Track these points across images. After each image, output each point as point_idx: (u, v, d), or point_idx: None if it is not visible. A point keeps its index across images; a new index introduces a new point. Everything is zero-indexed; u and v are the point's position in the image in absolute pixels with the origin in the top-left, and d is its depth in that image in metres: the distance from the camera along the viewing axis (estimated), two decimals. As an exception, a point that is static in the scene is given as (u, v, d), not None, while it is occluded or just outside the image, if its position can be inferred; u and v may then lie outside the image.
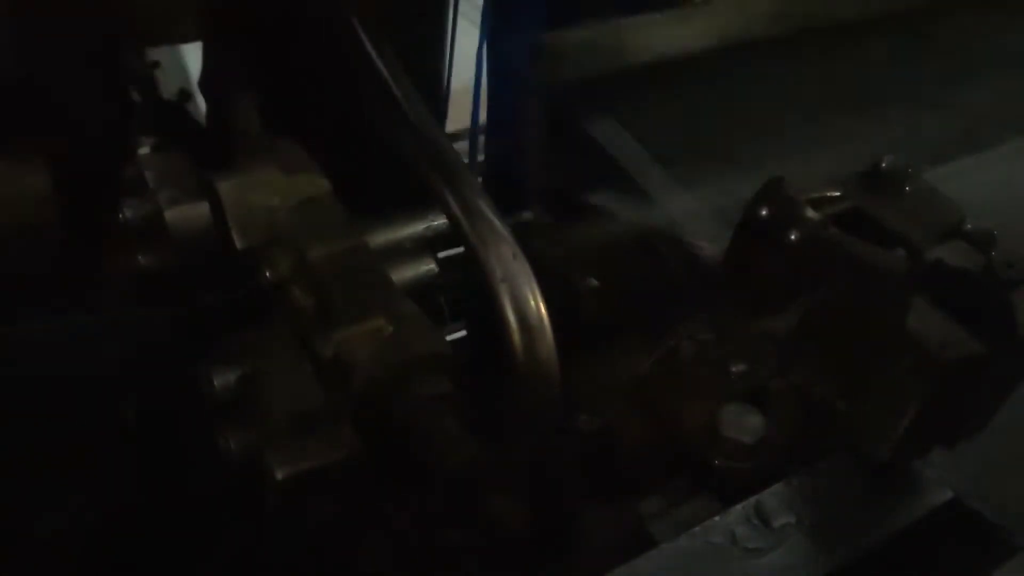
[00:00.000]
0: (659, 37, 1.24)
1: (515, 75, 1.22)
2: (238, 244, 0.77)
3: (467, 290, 0.96)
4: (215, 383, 0.74)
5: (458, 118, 1.55)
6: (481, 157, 1.49)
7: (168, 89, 1.13)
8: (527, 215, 1.11)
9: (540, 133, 1.22)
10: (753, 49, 1.30)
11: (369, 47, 0.83)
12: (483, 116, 1.41)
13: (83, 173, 0.88)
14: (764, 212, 0.86)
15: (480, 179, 1.38)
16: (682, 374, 0.92)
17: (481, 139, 1.48)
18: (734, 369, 0.90)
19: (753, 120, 1.25)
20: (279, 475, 0.70)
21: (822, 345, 0.83)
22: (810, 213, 0.85)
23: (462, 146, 1.59)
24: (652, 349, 0.94)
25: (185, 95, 1.12)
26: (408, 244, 0.87)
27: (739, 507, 0.77)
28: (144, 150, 0.92)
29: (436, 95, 1.22)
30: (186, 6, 0.93)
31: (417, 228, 0.88)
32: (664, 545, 0.74)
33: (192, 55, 1.10)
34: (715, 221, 1.05)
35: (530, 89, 1.19)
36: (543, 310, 0.69)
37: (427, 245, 0.88)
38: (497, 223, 0.72)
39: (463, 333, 1.17)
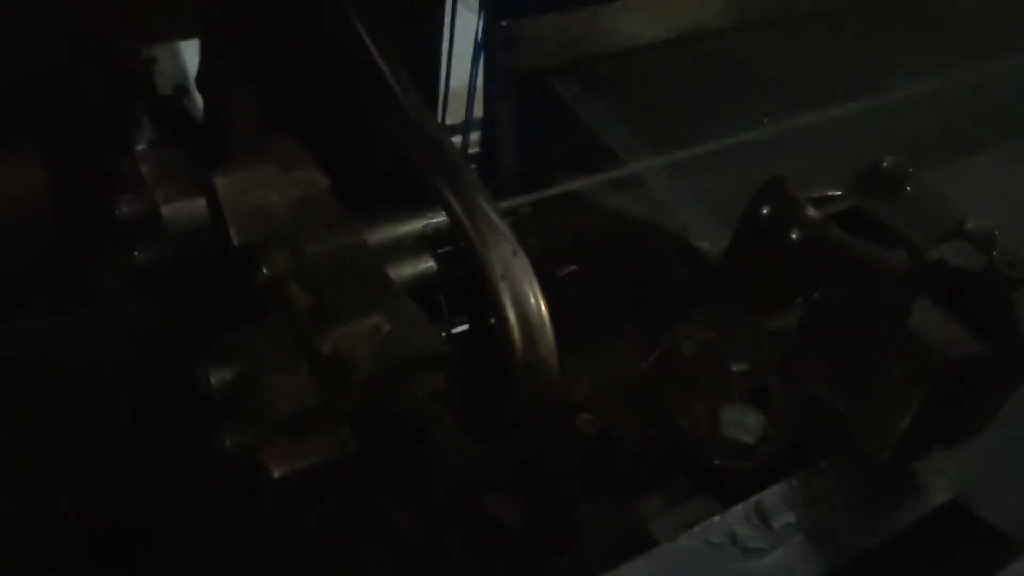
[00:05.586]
0: (622, 26, 1.25)
1: (487, 62, 1.23)
2: (235, 240, 0.76)
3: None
4: (212, 380, 0.73)
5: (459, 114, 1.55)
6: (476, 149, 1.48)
7: (166, 85, 1.12)
8: (507, 203, 1.10)
9: (511, 120, 1.22)
10: (716, 37, 1.31)
11: (367, 42, 0.82)
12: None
13: (80, 169, 0.87)
14: (765, 211, 0.86)
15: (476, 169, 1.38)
16: (682, 374, 0.91)
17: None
18: (735, 369, 0.89)
19: (715, 107, 1.26)
20: (276, 474, 0.69)
21: (823, 345, 0.83)
22: (811, 212, 0.85)
23: (459, 139, 1.59)
24: (651, 346, 0.93)
25: (182, 91, 1.11)
26: (407, 241, 0.87)
27: (739, 507, 0.77)
28: (141, 146, 0.92)
29: (434, 91, 1.22)
30: (183, 3, 0.92)
31: (416, 225, 0.87)
32: (664, 544, 0.74)
33: (189, 51, 1.10)
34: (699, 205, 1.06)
35: (498, 75, 1.20)
36: (543, 307, 0.69)
37: (426, 242, 0.88)
38: (497, 220, 0.71)
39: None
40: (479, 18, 1.28)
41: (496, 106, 1.23)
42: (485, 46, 1.25)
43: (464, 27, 1.28)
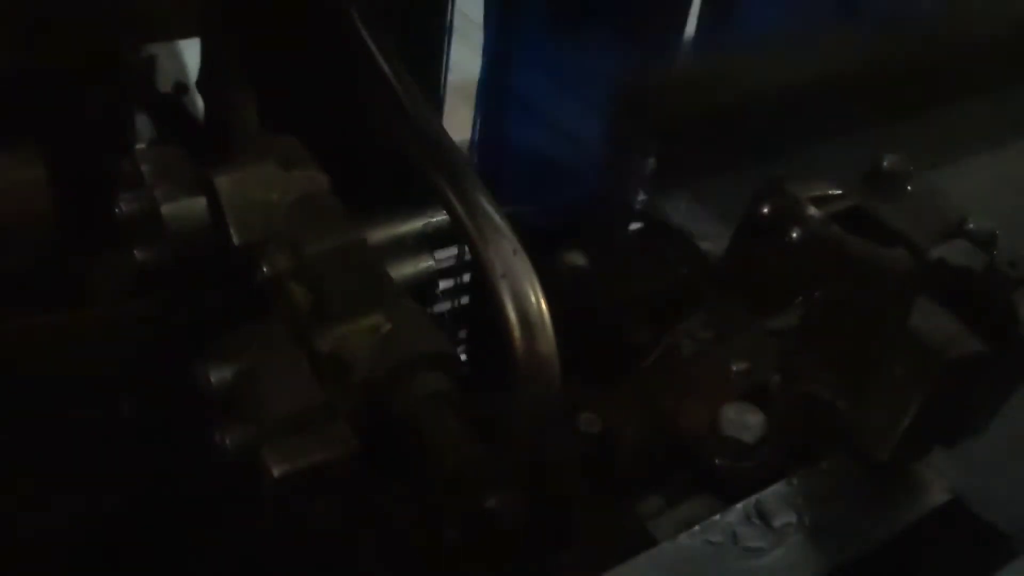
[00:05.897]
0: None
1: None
2: (236, 239, 0.76)
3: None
4: (212, 379, 0.73)
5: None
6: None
7: (165, 84, 1.12)
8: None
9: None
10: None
11: (368, 41, 0.82)
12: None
13: (80, 168, 0.87)
14: (766, 210, 0.86)
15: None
16: (682, 373, 0.91)
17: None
18: (734, 368, 0.89)
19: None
20: (276, 473, 0.69)
21: (823, 344, 0.82)
22: (812, 211, 0.84)
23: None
24: (651, 346, 0.93)
25: (181, 88, 1.11)
26: (407, 240, 0.87)
27: (739, 506, 0.77)
28: (141, 145, 0.92)
29: (433, 95, 1.22)
30: (184, 1, 0.92)
31: (416, 225, 0.87)
32: (664, 544, 0.73)
33: (189, 49, 1.09)
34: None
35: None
36: (544, 306, 0.68)
37: (426, 242, 0.88)
38: (497, 218, 0.71)
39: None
40: (487, 43, 1.25)
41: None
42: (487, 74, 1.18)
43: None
